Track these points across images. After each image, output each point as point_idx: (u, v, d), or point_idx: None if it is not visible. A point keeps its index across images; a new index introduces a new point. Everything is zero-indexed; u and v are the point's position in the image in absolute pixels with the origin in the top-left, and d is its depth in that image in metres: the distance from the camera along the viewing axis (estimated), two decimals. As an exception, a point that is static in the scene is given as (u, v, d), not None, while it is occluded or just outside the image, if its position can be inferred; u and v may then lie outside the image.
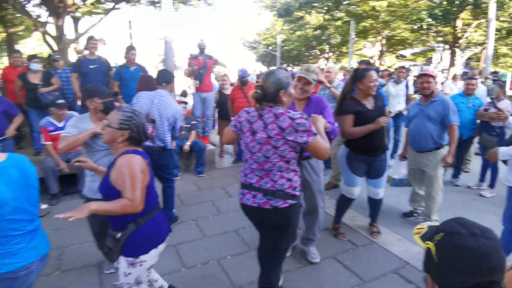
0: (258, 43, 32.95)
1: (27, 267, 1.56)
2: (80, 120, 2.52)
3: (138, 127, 1.79)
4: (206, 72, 5.86)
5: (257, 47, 33.02)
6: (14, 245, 1.52)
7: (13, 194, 1.48)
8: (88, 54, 5.15)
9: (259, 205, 1.97)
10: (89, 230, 2.69)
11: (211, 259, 3.00)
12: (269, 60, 32.66)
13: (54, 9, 8.59)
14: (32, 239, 1.60)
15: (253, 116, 1.98)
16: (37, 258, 1.61)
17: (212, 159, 5.74)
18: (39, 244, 1.65)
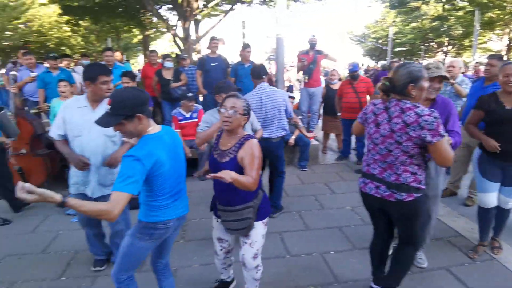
0: (366, 37, 31.26)
1: (166, 222, 1.86)
2: (210, 114, 2.89)
3: (249, 112, 2.08)
4: (315, 67, 5.91)
5: (365, 41, 31.36)
6: (161, 201, 1.83)
7: (168, 157, 1.79)
8: (210, 53, 5.73)
9: (382, 197, 2.01)
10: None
11: (315, 251, 3.08)
12: (378, 55, 30.71)
13: (182, 13, 9.81)
14: (175, 200, 1.90)
15: (379, 108, 2.00)
16: (175, 217, 1.90)
17: (315, 155, 5.79)
18: (179, 205, 1.94)
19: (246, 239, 2.15)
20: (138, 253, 1.91)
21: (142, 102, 1.75)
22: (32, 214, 3.88)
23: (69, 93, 4.19)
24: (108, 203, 1.53)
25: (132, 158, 1.62)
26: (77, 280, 2.71)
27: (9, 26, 16.23)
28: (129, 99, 1.71)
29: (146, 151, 1.67)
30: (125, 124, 1.71)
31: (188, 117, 4.53)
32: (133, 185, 1.58)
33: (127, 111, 1.69)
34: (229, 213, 2.09)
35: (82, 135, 2.47)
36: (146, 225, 1.85)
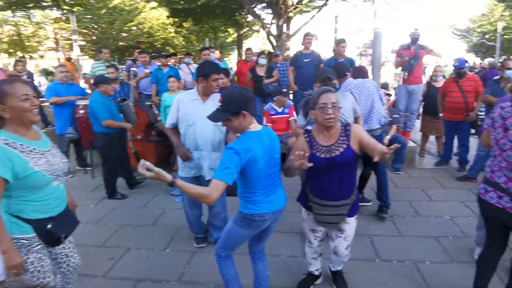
0: (471, 31, 27.44)
1: (261, 215, 1.98)
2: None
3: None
4: (417, 63, 5.47)
5: (469, 36, 27.54)
6: (254, 197, 1.96)
7: (263, 155, 1.91)
8: (303, 49, 5.76)
9: (504, 208, 1.86)
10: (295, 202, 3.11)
11: (407, 259, 2.90)
12: (484, 51, 26.69)
13: (277, 10, 10.04)
14: (268, 196, 2.00)
15: (507, 112, 1.82)
16: (270, 211, 2.00)
17: (411, 157, 5.38)
18: (275, 200, 2.04)
19: (340, 234, 2.25)
20: (237, 238, 2.08)
21: (247, 100, 1.89)
22: (143, 191, 4.48)
23: (176, 87, 4.68)
24: (208, 188, 1.71)
25: (232, 151, 1.78)
26: (179, 253, 3.05)
27: (125, 28, 18.72)
28: (237, 97, 1.86)
29: (245, 146, 1.81)
30: (232, 120, 1.88)
31: (280, 112, 4.65)
32: (229, 175, 1.74)
33: (235, 108, 1.85)
34: (329, 208, 2.15)
35: (196, 124, 2.78)
36: (244, 216, 2.00)
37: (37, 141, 1.73)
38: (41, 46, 19.11)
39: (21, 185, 1.61)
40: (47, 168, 1.67)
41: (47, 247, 1.79)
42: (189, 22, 15.72)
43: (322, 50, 10.84)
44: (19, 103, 1.60)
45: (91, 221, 3.64)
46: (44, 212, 1.71)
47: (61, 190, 1.81)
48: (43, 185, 1.68)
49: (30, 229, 1.68)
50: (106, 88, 3.97)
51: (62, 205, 1.83)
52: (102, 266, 2.86)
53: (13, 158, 1.56)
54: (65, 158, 1.87)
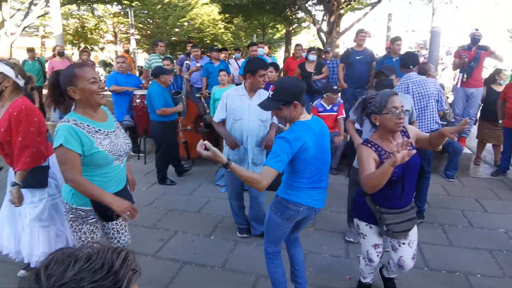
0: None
1: (296, 204, 1.96)
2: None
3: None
4: (477, 65, 5.11)
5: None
6: (298, 183, 1.95)
7: (314, 144, 1.90)
8: (356, 46, 5.61)
9: None
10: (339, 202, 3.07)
11: (458, 270, 2.75)
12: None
13: (329, 7, 9.88)
14: (312, 188, 1.97)
15: None
16: (306, 204, 1.97)
17: (466, 165, 5.05)
18: (315, 196, 2.01)
19: (404, 240, 2.10)
20: (274, 227, 2.07)
21: (300, 91, 1.91)
22: (190, 179, 4.68)
23: (226, 81, 4.81)
24: (260, 174, 1.76)
25: (283, 140, 1.80)
26: (223, 241, 3.16)
27: (177, 24, 19.47)
28: (290, 87, 1.88)
29: (295, 135, 1.83)
30: (283, 109, 1.90)
31: (329, 109, 4.59)
32: (280, 163, 1.77)
33: (286, 97, 1.87)
34: (401, 214, 2.05)
35: (243, 119, 2.87)
36: (280, 200, 2.00)
37: (103, 122, 1.85)
38: (102, 39, 20.48)
39: (86, 162, 1.75)
40: (110, 148, 1.80)
41: (101, 222, 1.92)
42: (239, 18, 15.96)
43: (373, 48, 10.49)
44: (88, 85, 1.72)
45: (143, 203, 3.88)
46: (104, 188, 1.80)
47: (122, 170, 1.93)
48: (105, 164, 1.81)
49: (88, 202, 1.80)
50: (165, 79, 4.20)
51: (121, 184, 1.95)
52: (152, 246, 3.05)
53: (81, 136, 1.70)
54: (128, 139, 1.98)
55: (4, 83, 2.17)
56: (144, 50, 21.60)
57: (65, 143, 1.66)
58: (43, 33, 18.66)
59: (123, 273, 0.59)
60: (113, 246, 0.62)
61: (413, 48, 17.15)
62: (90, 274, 0.56)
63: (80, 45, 18.17)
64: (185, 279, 2.63)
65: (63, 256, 0.58)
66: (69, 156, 1.68)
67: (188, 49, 6.94)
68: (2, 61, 2.22)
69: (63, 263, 0.57)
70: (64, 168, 1.70)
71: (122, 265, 0.59)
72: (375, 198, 2.05)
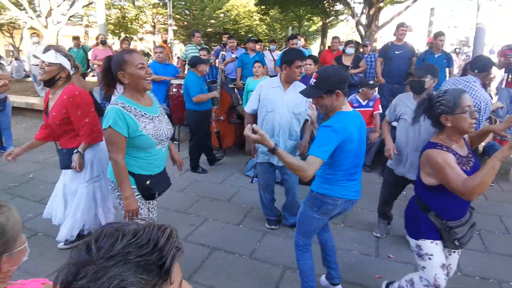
0: None
1: (334, 198, 1.94)
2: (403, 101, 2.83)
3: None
4: (527, 64, 4.77)
5: None
6: (336, 176, 1.92)
7: (357, 136, 1.87)
8: (395, 40, 5.40)
9: None
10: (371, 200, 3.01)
11: (492, 277, 2.63)
12: None
13: (368, 0, 9.57)
14: (348, 180, 1.94)
15: None
16: (343, 197, 1.95)
17: (506, 169, 4.75)
18: (352, 188, 1.98)
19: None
20: (307, 221, 2.08)
21: (343, 80, 1.87)
22: (221, 169, 4.77)
23: (261, 73, 4.81)
24: (306, 162, 1.73)
25: (330, 129, 1.77)
26: (251, 231, 3.21)
27: (214, 15, 19.64)
28: (333, 75, 1.84)
29: (341, 124, 1.80)
30: (324, 98, 1.86)
31: (364, 105, 4.47)
32: (326, 153, 1.75)
33: (329, 86, 1.83)
34: (466, 223, 1.89)
35: (275, 111, 2.85)
36: (316, 195, 1.99)
37: (148, 107, 1.95)
38: (141, 29, 21.11)
39: (131, 144, 1.87)
40: (153, 132, 1.90)
41: (144, 200, 2.04)
42: (275, 10, 15.82)
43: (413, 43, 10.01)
44: (136, 70, 1.82)
45: (176, 189, 4.01)
46: (146, 169, 1.95)
47: (163, 153, 2.04)
48: (148, 146, 1.91)
49: (133, 181, 1.93)
50: (202, 68, 4.30)
51: (162, 166, 2.06)
52: (183, 231, 3.15)
53: (128, 119, 1.81)
54: (170, 125, 2.08)
55: (61, 73, 2.36)
56: (180, 41, 22.02)
57: (113, 125, 1.78)
58: (87, 22, 19.54)
59: (168, 249, 0.60)
60: (158, 224, 0.64)
61: (455, 45, 16.20)
62: (136, 248, 0.58)
63: (121, 35, 18.85)
64: (214, 264, 2.70)
65: (111, 230, 0.61)
66: (115, 138, 1.80)
67: (224, 40, 7.00)
68: (61, 51, 2.38)
69: (111, 237, 0.59)
70: (110, 147, 1.83)
71: (167, 242, 0.61)
72: (440, 212, 1.84)
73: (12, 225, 0.94)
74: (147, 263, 0.57)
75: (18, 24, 18.39)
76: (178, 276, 0.65)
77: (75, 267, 0.57)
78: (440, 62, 4.87)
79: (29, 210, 3.41)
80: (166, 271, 0.59)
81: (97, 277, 0.54)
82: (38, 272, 2.50)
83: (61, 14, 11.98)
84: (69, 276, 0.56)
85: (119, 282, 0.54)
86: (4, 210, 0.95)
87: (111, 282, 0.54)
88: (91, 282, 0.54)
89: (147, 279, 0.57)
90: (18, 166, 4.67)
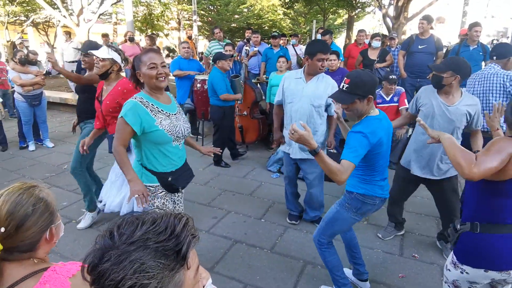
0: None
1: (373, 198, 1.97)
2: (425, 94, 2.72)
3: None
4: None
5: None
6: (374, 177, 1.95)
7: (386, 139, 1.90)
8: (420, 33, 5.19)
9: None
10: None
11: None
12: None
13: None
14: (382, 179, 2.00)
15: None
16: (381, 196, 2.00)
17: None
18: (385, 187, 2.03)
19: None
20: (342, 222, 2.10)
21: (376, 85, 1.88)
22: (243, 163, 4.81)
23: (285, 68, 4.78)
24: (342, 166, 1.72)
25: (361, 135, 1.78)
26: (272, 225, 3.22)
27: (238, 10, 19.62)
28: (368, 81, 1.83)
29: (371, 129, 1.81)
30: (356, 103, 1.85)
31: (388, 100, 4.34)
32: (358, 157, 1.76)
33: (363, 92, 1.82)
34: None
35: (293, 102, 2.85)
36: (356, 196, 2.00)
37: (166, 104, 2.03)
38: (167, 25, 21.48)
39: (147, 139, 1.94)
40: (169, 128, 1.96)
41: (170, 194, 2.12)
42: (299, 3, 15.61)
43: (445, 36, 9.55)
44: (147, 70, 1.89)
45: (199, 182, 4.09)
46: (166, 166, 2.02)
47: (180, 150, 2.10)
48: (164, 142, 1.97)
49: (155, 179, 2.00)
50: (223, 64, 4.30)
51: (181, 162, 2.12)
52: (207, 223, 3.22)
53: (142, 114, 1.88)
54: (188, 124, 2.14)
55: (113, 67, 2.61)
56: (205, 36, 22.23)
57: (125, 115, 1.87)
58: (115, 20, 20.10)
59: (184, 236, 0.65)
60: (175, 212, 0.69)
61: (491, 36, 15.35)
62: (155, 235, 0.63)
63: (148, 32, 19.28)
64: (235, 257, 2.75)
65: (132, 219, 0.66)
66: (122, 127, 1.89)
67: (248, 35, 6.99)
68: (112, 47, 2.62)
69: (132, 224, 0.65)
70: (116, 135, 1.93)
71: (183, 229, 0.66)
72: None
73: (52, 199, 1.04)
74: (165, 249, 0.62)
75: (52, 23, 19.20)
76: (195, 262, 0.69)
77: (100, 252, 0.62)
78: (475, 55, 4.64)
79: (64, 199, 3.59)
80: (183, 256, 0.64)
81: (120, 260, 0.59)
82: (73, 256, 2.66)
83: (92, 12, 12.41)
84: (95, 259, 0.62)
85: (140, 265, 0.59)
86: (40, 187, 1.04)
87: (132, 265, 0.59)
88: (114, 265, 0.59)
89: (165, 263, 0.61)
90: (54, 157, 4.93)
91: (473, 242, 1.53)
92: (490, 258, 1.50)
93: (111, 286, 0.59)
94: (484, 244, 1.50)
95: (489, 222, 1.50)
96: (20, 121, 5.26)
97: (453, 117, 2.42)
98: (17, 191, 0.97)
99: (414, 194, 3.79)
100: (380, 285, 2.45)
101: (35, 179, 4.21)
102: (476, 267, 1.53)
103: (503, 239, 1.48)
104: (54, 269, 0.97)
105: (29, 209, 0.95)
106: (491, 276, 1.53)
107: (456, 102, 2.43)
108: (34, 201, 0.97)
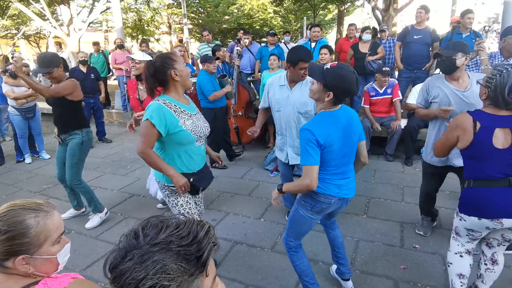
0: None
1: (326, 196, 1.88)
2: (434, 83, 2.65)
3: (496, 86, 1.72)
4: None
5: None
6: (325, 174, 1.86)
7: (339, 137, 1.80)
8: (416, 24, 5.19)
9: None
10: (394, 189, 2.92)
11: None
12: None
13: (384, -18, 9.25)
14: (339, 179, 1.90)
15: None
16: (337, 196, 1.89)
17: None
18: (344, 186, 1.93)
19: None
20: (301, 221, 2.01)
21: (345, 90, 1.76)
22: (241, 164, 4.80)
23: (276, 66, 4.78)
24: (302, 176, 1.75)
25: (307, 131, 1.74)
26: (272, 224, 3.22)
27: (228, 11, 19.62)
28: (344, 81, 1.73)
29: (318, 125, 1.76)
30: (320, 88, 1.78)
31: (382, 92, 4.34)
32: (311, 157, 1.73)
33: (332, 84, 1.74)
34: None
35: (281, 110, 2.79)
36: (310, 193, 1.92)
37: (187, 105, 2.05)
38: (157, 30, 21.44)
39: (171, 140, 1.95)
40: (192, 128, 1.98)
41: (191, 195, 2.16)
42: (289, 1, 15.61)
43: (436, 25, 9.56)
44: (184, 68, 1.94)
45: (197, 186, 4.08)
46: (189, 166, 2.05)
47: (202, 150, 2.14)
48: (188, 142, 1.99)
49: None
50: (208, 66, 4.30)
51: (203, 162, 2.16)
52: (206, 226, 3.20)
53: (167, 116, 1.89)
54: (207, 123, 2.17)
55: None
56: (196, 39, 22.22)
57: (150, 118, 1.87)
58: (106, 27, 20.06)
59: (205, 243, 0.66)
60: (198, 219, 0.71)
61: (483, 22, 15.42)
62: (178, 239, 0.64)
63: (139, 37, 19.24)
64: (236, 258, 2.74)
65: (157, 221, 0.68)
66: (149, 130, 1.89)
67: (239, 36, 6.98)
68: (146, 51, 2.80)
69: (156, 227, 0.67)
70: (141, 139, 1.91)
71: (205, 236, 0.67)
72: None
73: (40, 230, 0.98)
74: (186, 253, 0.64)
75: (43, 34, 19.16)
76: (213, 271, 0.70)
77: (123, 250, 0.64)
78: (469, 42, 4.62)
79: (62, 210, 3.57)
80: (203, 263, 0.65)
81: (143, 260, 0.61)
82: (73, 267, 2.64)
83: (81, 21, 12.37)
84: (118, 257, 0.63)
85: (162, 267, 0.61)
86: (40, 213, 1.00)
87: (154, 265, 0.61)
88: (137, 264, 0.61)
89: (186, 267, 0.63)
90: (51, 169, 4.90)
91: (468, 194, 1.89)
92: (481, 208, 1.82)
93: (132, 285, 0.60)
94: (476, 196, 1.85)
95: (478, 178, 1.85)
96: (16, 135, 5.24)
97: (472, 101, 2.38)
98: (9, 206, 0.97)
99: (412, 185, 3.83)
100: (382, 278, 2.44)
101: (32, 192, 4.20)
102: (471, 215, 1.86)
103: (491, 191, 1.80)
104: (45, 282, 0.97)
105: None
106: (485, 224, 1.83)
107: (468, 86, 2.42)
108: (8, 223, 0.95)
